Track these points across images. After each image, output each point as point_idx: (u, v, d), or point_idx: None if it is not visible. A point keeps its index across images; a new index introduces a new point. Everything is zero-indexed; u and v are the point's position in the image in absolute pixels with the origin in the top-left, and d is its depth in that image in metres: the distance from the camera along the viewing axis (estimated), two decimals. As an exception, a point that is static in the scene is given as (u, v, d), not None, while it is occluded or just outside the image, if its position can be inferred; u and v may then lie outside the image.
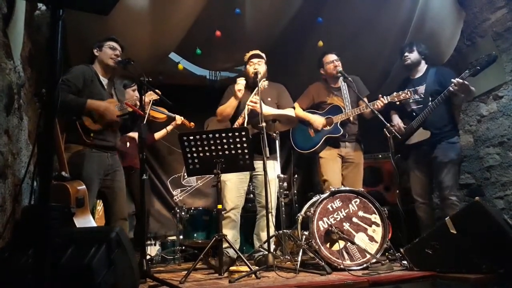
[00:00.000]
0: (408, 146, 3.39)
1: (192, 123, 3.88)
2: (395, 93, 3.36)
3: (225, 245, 2.83)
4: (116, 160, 2.96)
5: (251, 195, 3.89)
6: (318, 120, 3.58)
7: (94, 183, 2.69)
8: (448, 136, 3.33)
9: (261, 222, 3.25)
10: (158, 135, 4.02)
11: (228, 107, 3.29)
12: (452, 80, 3.12)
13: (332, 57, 3.60)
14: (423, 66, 3.53)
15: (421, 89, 3.41)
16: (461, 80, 3.08)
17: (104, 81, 2.91)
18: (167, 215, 4.94)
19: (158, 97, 2.93)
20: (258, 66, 3.27)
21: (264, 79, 3.24)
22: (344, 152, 3.58)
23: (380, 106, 3.32)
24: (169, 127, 3.93)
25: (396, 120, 3.56)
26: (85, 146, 2.70)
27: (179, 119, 3.83)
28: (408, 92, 3.29)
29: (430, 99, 3.30)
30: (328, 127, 3.55)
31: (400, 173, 3.25)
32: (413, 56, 3.50)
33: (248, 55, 3.39)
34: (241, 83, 3.22)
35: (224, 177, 3.15)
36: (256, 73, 3.09)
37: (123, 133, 3.16)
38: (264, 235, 3.18)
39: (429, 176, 3.45)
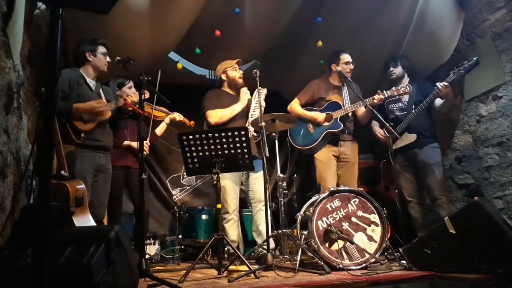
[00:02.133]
0: (394, 151, 3.45)
1: (192, 122, 3.85)
2: (394, 87, 3.50)
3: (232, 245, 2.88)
4: (108, 160, 2.99)
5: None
6: (317, 115, 3.60)
7: (87, 182, 2.71)
8: (430, 142, 3.59)
9: (258, 217, 3.34)
10: (159, 131, 3.96)
11: (232, 112, 3.40)
12: (437, 84, 3.35)
13: (348, 58, 3.69)
14: (406, 79, 3.79)
15: (405, 97, 3.66)
16: (446, 83, 3.32)
17: (91, 82, 2.94)
18: (166, 215, 4.93)
19: (148, 96, 2.98)
20: (241, 72, 3.53)
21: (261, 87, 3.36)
22: (340, 151, 3.60)
23: (379, 100, 3.42)
24: (167, 120, 3.80)
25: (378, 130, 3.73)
26: (76, 147, 2.74)
27: (178, 116, 3.78)
28: (407, 87, 3.45)
29: (413, 107, 3.55)
30: (327, 123, 3.57)
31: (390, 178, 3.37)
32: (398, 70, 3.77)
33: (231, 62, 3.55)
34: (247, 91, 3.45)
35: (221, 179, 3.21)
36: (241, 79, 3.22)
37: (115, 131, 3.18)
38: (262, 229, 3.23)
39: (417, 177, 3.66)
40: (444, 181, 3.61)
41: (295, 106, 3.72)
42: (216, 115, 3.41)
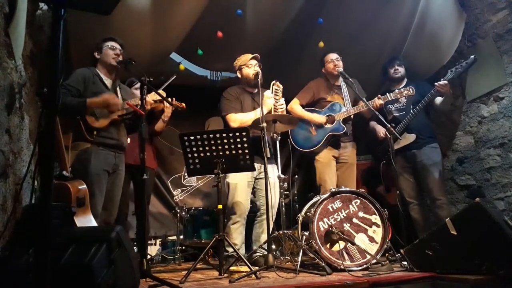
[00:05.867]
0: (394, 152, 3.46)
1: (183, 104, 3.31)
2: (397, 90, 3.49)
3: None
4: (121, 161, 2.96)
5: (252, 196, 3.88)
6: (318, 118, 3.58)
7: (102, 178, 2.71)
8: (430, 142, 3.59)
9: (261, 226, 3.25)
10: (158, 127, 3.83)
11: (255, 118, 3.11)
12: (436, 83, 3.40)
13: (332, 56, 3.66)
14: (404, 80, 3.81)
15: (403, 98, 3.66)
16: (445, 81, 3.36)
17: (107, 81, 2.93)
18: (167, 215, 4.94)
19: (159, 97, 2.93)
20: (257, 68, 3.26)
21: (276, 81, 3.28)
22: (339, 152, 3.59)
23: (379, 104, 3.42)
24: (165, 117, 3.57)
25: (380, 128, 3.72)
26: (92, 144, 2.74)
27: (165, 103, 3.35)
28: (410, 89, 3.44)
29: (411, 107, 3.55)
30: (329, 125, 3.56)
31: (389, 179, 3.37)
32: (402, 69, 3.78)
33: (246, 57, 3.37)
34: (271, 95, 3.19)
35: (233, 179, 3.18)
36: (257, 74, 3.09)
37: (129, 132, 3.14)
38: (263, 238, 3.18)
39: (417, 178, 3.65)
40: (443, 182, 3.60)
41: (295, 106, 3.68)
42: (237, 120, 3.23)
